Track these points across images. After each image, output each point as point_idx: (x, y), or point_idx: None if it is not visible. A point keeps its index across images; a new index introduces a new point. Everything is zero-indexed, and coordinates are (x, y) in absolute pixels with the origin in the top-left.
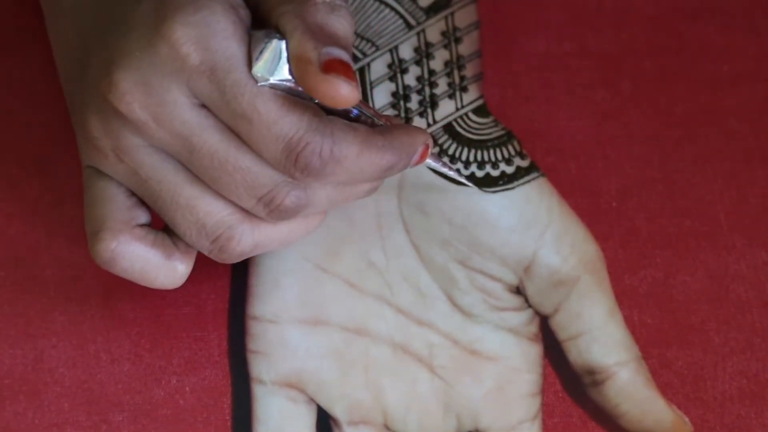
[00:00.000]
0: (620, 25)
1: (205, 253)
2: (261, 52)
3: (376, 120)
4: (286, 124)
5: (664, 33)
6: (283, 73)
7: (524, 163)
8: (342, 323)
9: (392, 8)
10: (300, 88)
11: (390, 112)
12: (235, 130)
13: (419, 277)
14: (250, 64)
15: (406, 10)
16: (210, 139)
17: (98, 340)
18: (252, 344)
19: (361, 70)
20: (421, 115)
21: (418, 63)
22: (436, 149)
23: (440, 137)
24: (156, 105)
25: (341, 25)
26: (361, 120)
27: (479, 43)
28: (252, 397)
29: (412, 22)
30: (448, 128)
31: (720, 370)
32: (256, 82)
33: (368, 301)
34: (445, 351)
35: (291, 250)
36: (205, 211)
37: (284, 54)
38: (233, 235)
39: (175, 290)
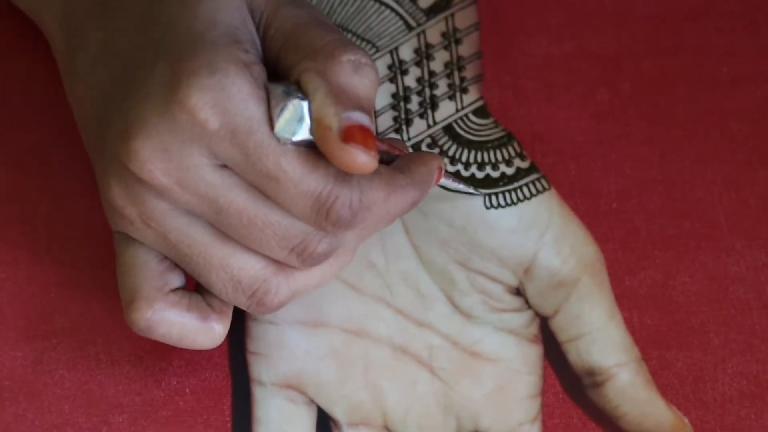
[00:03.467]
0: (620, 26)
1: (244, 308)
2: (281, 111)
3: (390, 151)
4: (313, 181)
5: (664, 33)
6: (304, 133)
7: (524, 165)
8: (342, 324)
9: (392, 9)
10: None
11: (390, 113)
12: (261, 189)
13: (419, 278)
14: (270, 124)
15: (407, 11)
16: (236, 198)
17: (98, 342)
18: (252, 345)
19: None
20: (421, 116)
21: (418, 64)
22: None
23: (440, 139)
24: (178, 170)
25: (364, 86)
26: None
27: (479, 44)
28: (252, 398)
29: (413, 23)
30: (449, 130)
31: (720, 371)
32: (279, 141)
33: (368, 303)
34: (445, 352)
35: None
36: (239, 268)
37: (306, 114)
38: (270, 288)
39: None
